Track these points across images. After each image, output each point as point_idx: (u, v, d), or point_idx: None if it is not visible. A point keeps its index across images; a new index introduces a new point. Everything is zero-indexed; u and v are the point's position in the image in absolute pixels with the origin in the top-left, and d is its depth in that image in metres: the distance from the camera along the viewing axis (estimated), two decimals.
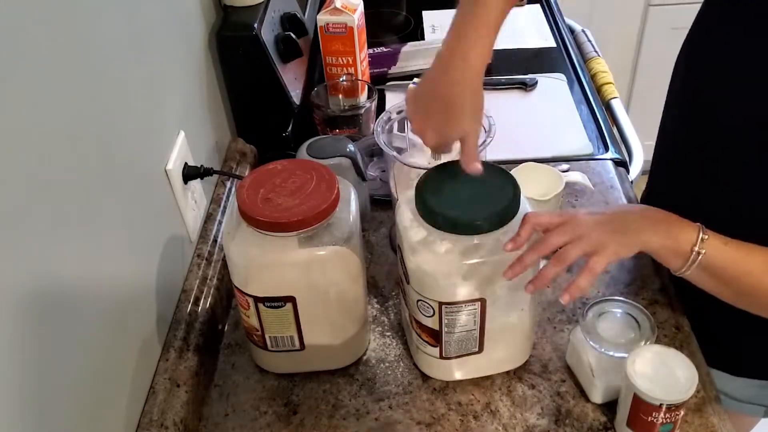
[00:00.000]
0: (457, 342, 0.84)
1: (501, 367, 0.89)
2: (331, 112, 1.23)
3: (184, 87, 1.00)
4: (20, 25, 0.59)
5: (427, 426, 0.85)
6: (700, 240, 0.74)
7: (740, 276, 0.76)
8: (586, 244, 0.75)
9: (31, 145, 0.60)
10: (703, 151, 0.88)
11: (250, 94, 1.18)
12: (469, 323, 0.82)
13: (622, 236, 0.76)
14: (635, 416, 0.78)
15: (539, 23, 1.63)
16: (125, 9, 0.80)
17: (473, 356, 0.86)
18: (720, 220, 0.77)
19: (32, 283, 0.60)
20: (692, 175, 0.91)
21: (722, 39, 0.82)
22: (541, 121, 1.32)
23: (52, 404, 0.62)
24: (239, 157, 1.19)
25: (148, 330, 0.83)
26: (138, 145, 0.83)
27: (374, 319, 0.98)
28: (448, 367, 0.87)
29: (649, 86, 2.45)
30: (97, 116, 0.72)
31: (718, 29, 0.83)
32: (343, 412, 0.87)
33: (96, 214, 0.71)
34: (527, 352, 0.91)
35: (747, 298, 0.78)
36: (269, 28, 1.17)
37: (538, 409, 0.86)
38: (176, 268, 0.94)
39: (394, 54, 1.50)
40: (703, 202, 0.86)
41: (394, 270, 1.05)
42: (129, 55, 0.81)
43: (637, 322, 0.84)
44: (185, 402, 0.83)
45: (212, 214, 1.05)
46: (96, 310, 0.70)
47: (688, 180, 0.92)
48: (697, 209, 0.79)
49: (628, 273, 1.02)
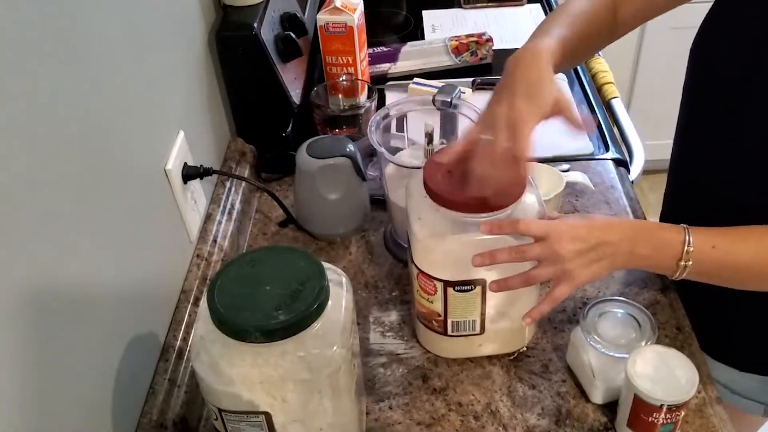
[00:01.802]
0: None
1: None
2: (330, 112, 1.22)
3: (183, 87, 1.00)
4: (20, 24, 0.59)
5: (427, 426, 0.85)
6: (686, 252, 0.75)
7: (735, 271, 0.77)
8: (558, 271, 0.76)
9: (30, 144, 0.60)
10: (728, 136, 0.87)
11: (249, 94, 1.18)
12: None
13: (597, 267, 0.77)
14: (636, 417, 0.77)
15: (539, 23, 1.63)
16: (125, 9, 0.80)
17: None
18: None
19: (31, 283, 0.59)
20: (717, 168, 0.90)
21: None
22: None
23: (52, 404, 0.62)
24: (239, 156, 1.19)
25: (147, 330, 0.83)
26: (137, 145, 0.83)
27: (375, 320, 0.98)
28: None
29: (650, 86, 2.46)
30: (96, 116, 0.72)
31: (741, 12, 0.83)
32: None
33: (95, 214, 0.71)
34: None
35: (749, 284, 0.79)
36: (269, 27, 1.17)
37: (538, 409, 0.86)
38: (176, 268, 0.93)
39: (394, 53, 1.50)
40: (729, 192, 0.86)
41: (394, 270, 1.05)
42: (128, 54, 0.81)
43: (637, 323, 0.84)
44: (185, 402, 0.83)
45: (212, 214, 1.05)
46: (95, 310, 0.70)
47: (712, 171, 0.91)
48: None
49: (629, 273, 1.01)
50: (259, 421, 0.69)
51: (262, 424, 0.69)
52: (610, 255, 0.77)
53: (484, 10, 1.69)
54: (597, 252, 0.76)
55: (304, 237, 1.12)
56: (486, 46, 1.46)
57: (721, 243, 0.76)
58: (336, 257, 1.08)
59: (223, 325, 0.65)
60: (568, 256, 0.75)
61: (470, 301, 0.84)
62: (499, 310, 0.86)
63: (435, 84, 1.31)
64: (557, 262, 0.76)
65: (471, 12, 1.69)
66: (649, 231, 0.79)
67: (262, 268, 0.70)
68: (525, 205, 0.82)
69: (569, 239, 0.76)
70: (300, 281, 0.67)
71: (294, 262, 0.70)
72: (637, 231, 0.78)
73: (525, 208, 0.82)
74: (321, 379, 0.68)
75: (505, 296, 0.85)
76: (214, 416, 0.70)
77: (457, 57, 1.47)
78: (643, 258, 0.77)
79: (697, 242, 0.75)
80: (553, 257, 0.76)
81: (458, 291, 0.83)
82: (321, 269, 0.69)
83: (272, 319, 0.64)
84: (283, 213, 1.13)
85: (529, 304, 0.88)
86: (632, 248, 0.77)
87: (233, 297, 0.66)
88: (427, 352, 0.93)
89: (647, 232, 0.78)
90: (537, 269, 0.77)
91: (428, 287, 0.84)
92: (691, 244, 0.75)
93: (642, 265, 0.79)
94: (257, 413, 0.68)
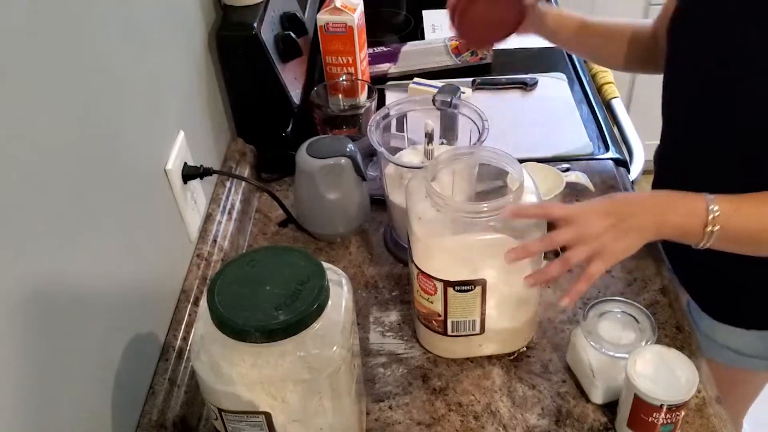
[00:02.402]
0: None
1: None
2: (330, 112, 1.22)
3: (183, 86, 1.00)
4: (20, 24, 0.59)
5: (427, 426, 0.85)
6: (711, 218, 0.76)
7: (758, 234, 0.78)
8: (591, 249, 0.77)
9: (30, 144, 0.60)
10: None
11: (249, 94, 1.18)
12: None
13: (628, 240, 0.77)
14: (636, 417, 0.77)
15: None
16: (125, 8, 0.80)
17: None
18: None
19: (31, 283, 0.59)
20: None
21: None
22: (541, 121, 1.32)
23: (52, 405, 0.62)
24: (239, 156, 1.19)
25: (147, 330, 0.83)
26: (137, 145, 0.82)
27: (375, 320, 0.98)
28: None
29: (650, 86, 2.45)
30: (97, 116, 0.72)
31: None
32: None
33: (95, 214, 0.71)
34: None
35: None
36: (269, 27, 1.17)
37: (538, 409, 0.86)
38: (176, 268, 0.93)
39: (394, 53, 1.50)
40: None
41: (394, 270, 1.05)
42: (128, 54, 0.81)
43: (637, 323, 0.84)
44: (185, 402, 0.83)
45: (211, 214, 1.05)
46: (95, 310, 0.70)
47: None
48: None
49: (629, 273, 1.01)
50: (259, 421, 0.69)
51: (262, 424, 0.69)
52: (639, 227, 0.78)
53: None
54: (626, 224, 0.77)
55: (304, 237, 1.12)
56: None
57: (745, 207, 0.77)
58: (336, 257, 1.08)
59: (223, 325, 0.65)
60: (597, 233, 0.77)
61: (470, 301, 0.84)
62: (499, 311, 0.86)
63: (435, 84, 1.31)
64: (589, 241, 0.77)
65: None
66: (673, 200, 0.80)
67: (262, 268, 0.70)
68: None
69: (596, 216, 0.78)
70: (300, 281, 0.67)
71: (294, 262, 0.70)
72: (662, 201, 0.80)
73: None
74: (321, 379, 0.68)
75: (505, 296, 0.85)
76: (214, 416, 0.70)
77: (457, 57, 1.47)
78: (672, 227, 0.78)
79: (722, 207, 0.76)
80: (584, 237, 0.77)
81: (458, 291, 0.83)
82: (321, 269, 0.69)
83: (272, 319, 0.64)
84: (283, 213, 1.13)
85: (530, 305, 0.88)
86: (660, 218, 0.78)
87: (233, 297, 0.66)
88: (427, 352, 0.93)
89: (672, 201, 0.79)
90: (570, 251, 0.77)
91: (428, 287, 0.84)
92: (716, 210, 0.76)
93: (671, 234, 0.79)
94: (257, 413, 0.68)
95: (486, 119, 0.98)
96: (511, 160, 0.84)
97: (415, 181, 0.85)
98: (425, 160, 0.99)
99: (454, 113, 1.04)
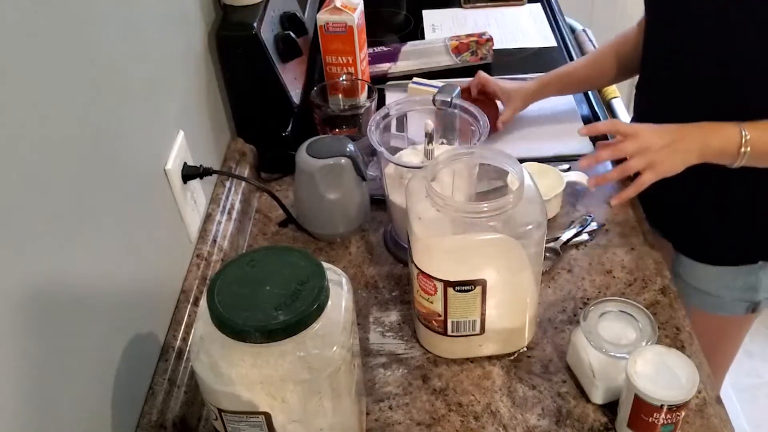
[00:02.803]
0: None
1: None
2: (330, 112, 1.22)
3: (183, 86, 1.00)
4: (20, 24, 0.58)
5: (427, 427, 0.85)
6: (744, 140, 0.92)
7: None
8: (647, 161, 0.93)
9: (30, 144, 0.60)
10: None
11: (249, 94, 1.18)
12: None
13: (676, 158, 0.94)
14: (636, 417, 0.77)
15: (540, 22, 1.63)
16: (125, 8, 0.80)
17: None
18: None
19: (30, 283, 0.59)
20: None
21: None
22: (541, 121, 1.32)
23: (52, 405, 0.62)
24: (239, 156, 1.18)
25: (146, 330, 0.83)
26: (137, 145, 0.82)
27: (375, 320, 0.98)
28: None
29: None
30: (96, 116, 0.72)
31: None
32: None
33: (95, 213, 0.71)
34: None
35: None
36: (269, 27, 1.17)
37: (538, 409, 0.86)
38: (175, 268, 0.93)
39: (394, 53, 1.50)
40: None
41: (394, 270, 1.05)
42: (128, 54, 0.80)
43: (638, 323, 0.84)
44: (184, 402, 0.83)
45: (211, 214, 1.05)
46: (94, 311, 0.70)
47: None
48: None
49: (630, 273, 1.01)
50: (259, 421, 0.68)
51: (261, 424, 0.69)
52: (686, 149, 0.94)
53: (484, 9, 1.69)
54: (678, 146, 0.94)
55: (304, 237, 1.11)
56: (486, 46, 1.46)
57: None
58: (336, 257, 1.08)
59: (223, 325, 0.65)
60: (654, 148, 0.93)
61: (470, 301, 0.84)
62: (500, 311, 0.86)
63: (435, 84, 1.31)
64: (647, 153, 0.93)
65: (471, 12, 1.69)
66: (713, 128, 0.94)
67: (262, 268, 0.70)
68: (526, 204, 0.82)
69: (657, 135, 0.94)
70: (300, 281, 0.67)
71: (294, 262, 0.70)
72: (705, 129, 0.94)
73: (526, 207, 0.81)
74: (321, 379, 0.68)
75: (505, 296, 0.85)
76: (214, 416, 0.70)
77: (457, 57, 1.47)
78: (714, 149, 0.93)
79: (750, 131, 0.92)
80: (644, 150, 0.93)
81: (458, 291, 0.83)
82: (321, 269, 0.69)
83: (272, 319, 0.64)
84: (283, 213, 1.13)
85: (530, 305, 0.88)
86: (705, 141, 0.94)
87: (233, 297, 0.66)
88: (427, 352, 0.93)
89: (713, 129, 0.94)
90: (630, 162, 0.94)
91: (428, 287, 0.84)
92: (747, 135, 0.92)
93: (712, 157, 0.94)
94: (257, 413, 0.68)
95: (486, 119, 0.98)
96: (511, 160, 0.84)
97: (415, 181, 0.85)
98: (425, 160, 0.99)
99: (454, 113, 1.04)
